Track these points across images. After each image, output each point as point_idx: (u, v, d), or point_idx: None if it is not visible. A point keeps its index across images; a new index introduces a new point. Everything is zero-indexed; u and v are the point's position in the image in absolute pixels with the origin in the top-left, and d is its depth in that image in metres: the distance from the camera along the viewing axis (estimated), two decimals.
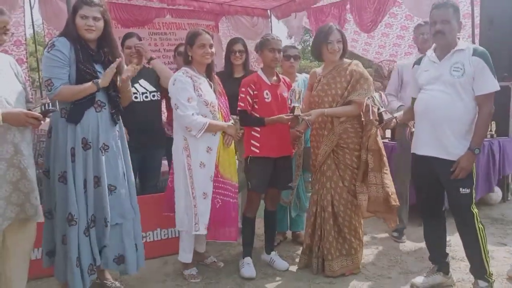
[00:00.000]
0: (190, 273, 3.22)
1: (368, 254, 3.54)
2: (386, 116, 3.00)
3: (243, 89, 3.24)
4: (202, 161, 3.07)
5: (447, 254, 3.08)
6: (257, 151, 3.23)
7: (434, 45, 2.92)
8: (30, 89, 4.82)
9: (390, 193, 3.11)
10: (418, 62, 3.01)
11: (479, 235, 2.75)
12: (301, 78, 3.86)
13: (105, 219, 2.75)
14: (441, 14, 2.74)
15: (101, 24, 2.72)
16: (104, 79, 2.70)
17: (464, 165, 2.68)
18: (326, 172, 3.21)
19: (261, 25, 6.38)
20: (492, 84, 2.69)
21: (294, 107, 3.08)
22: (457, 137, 2.73)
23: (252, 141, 3.26)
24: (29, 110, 2.49)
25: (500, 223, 4.44)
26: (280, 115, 3.16)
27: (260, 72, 3.32)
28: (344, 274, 3.22)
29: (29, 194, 2.55)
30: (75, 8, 2.69)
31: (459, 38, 2.85)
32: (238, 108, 3.27)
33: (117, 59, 2.76)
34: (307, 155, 3.69)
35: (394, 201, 3.13)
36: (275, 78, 3.34)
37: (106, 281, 3.07)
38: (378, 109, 2.99)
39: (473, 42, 4.58)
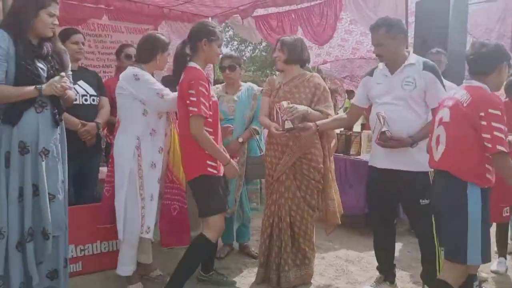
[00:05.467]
0: None
1: (314, 264, 3.52)
2: (287, 125, 2.96)
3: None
4: (153, 161, 2.92)
5: (394, 264, 3.15)
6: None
7: None
8: None
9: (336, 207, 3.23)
10: (370, 73, 3.02)
11: (436, 244, 2.73)
12: (245, 87, 3.74)
13: (45, 232, 2.50)
14: (374, 37, 2.85)
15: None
16: (48, 87, 2.46)
17: (394, 143, 2.72)
18: (285, 182, 3.14)
19: None
20: (443, 96, 2.68)
21: (284, 121, 2.97)
22: (414, 148, 2.73)
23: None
24: None
25: None
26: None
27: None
28: (296, 286, 3.17)
29: None
30: (41, 4, 2.48)
31: (408, 52, 2.90)
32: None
33: (61, 73, 2.55)
34: (251, 165, 3.61)
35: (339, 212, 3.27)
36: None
37: None
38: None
39: None
